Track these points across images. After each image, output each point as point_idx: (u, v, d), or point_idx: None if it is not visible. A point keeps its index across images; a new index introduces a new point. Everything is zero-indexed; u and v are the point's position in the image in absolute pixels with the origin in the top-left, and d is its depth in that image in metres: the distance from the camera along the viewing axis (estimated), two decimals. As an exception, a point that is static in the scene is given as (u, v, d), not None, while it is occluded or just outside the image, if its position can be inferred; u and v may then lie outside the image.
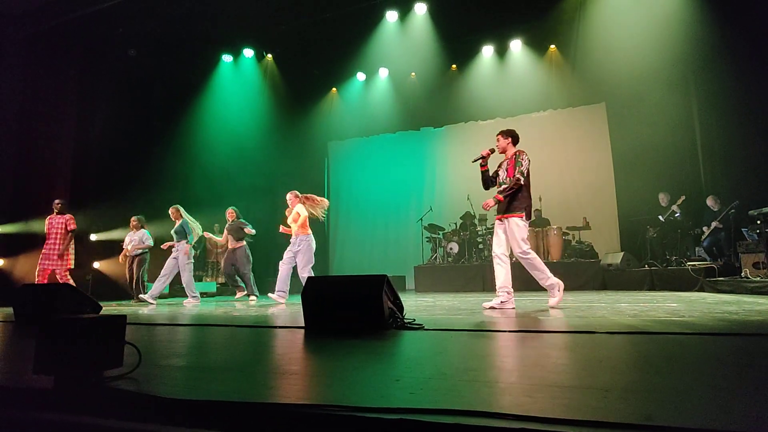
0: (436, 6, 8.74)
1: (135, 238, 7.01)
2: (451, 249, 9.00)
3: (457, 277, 8.53)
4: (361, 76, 10.95)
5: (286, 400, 1.12)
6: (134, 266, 6.94)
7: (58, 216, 6.45)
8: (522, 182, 4.07)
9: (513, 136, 4.34)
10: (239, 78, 10.06)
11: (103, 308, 3.86)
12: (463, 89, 10.28)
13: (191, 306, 5.79)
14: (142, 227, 7.13)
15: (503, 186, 4.19)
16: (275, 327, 2.94)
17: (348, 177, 11.96)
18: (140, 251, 6.99)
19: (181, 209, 6.73)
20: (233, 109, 9.95)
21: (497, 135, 4.40)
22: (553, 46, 9.57)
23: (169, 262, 6.47)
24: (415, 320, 2.75)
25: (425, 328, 2.59)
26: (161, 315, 4.22)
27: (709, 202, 7.03)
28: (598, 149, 9.66)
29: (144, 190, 8.10)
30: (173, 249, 6.57)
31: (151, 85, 9.01)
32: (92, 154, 7.85)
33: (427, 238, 9.71)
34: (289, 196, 6.26)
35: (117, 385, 1.31)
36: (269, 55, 10.26)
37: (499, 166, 4.37)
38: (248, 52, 9.99)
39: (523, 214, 4.10)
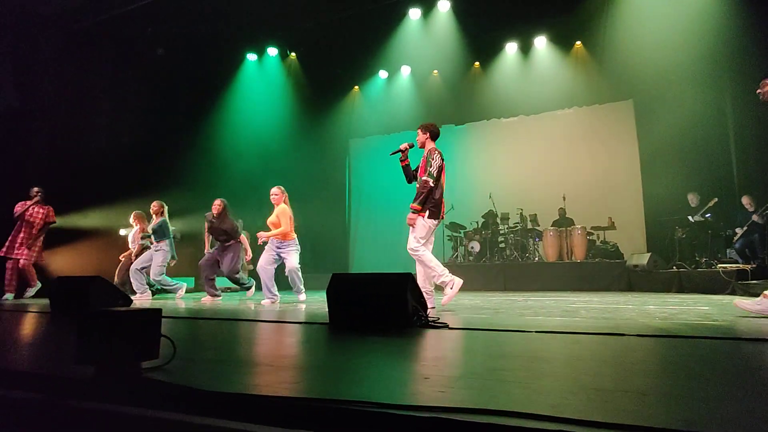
0: (459, 3, 8.67)
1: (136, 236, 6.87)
2: (472, 248, 8.94)
3: (479, 276, 8.46)
4: (383, 74, 10.95)
5: (316, 395, 1.13)
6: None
7: (39, 206, 6.36)
8: (431, 184, 3.95)
9: (431, 132, 4.21)
10: (263, 76, 10.19)
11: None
12: (485, 87, 10.18)
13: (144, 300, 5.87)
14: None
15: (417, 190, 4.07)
16: (299, 323, 2.98)
17: (369, 174, 11.99)
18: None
19: (165, 207, 6.45)
20: (257, 107, 10.09)
21: (418, 128, 4.27)
22: (579, 43, 9.38)
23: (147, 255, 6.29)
24: (439, 319, 2.75)
25: (449, 327, 2.58)
26: (184, 310, 4.32)
27: (745, 201, 6.79)
28: (624, 147, 9.43)
29: (169, 187, 8.28)
30: (152, 246, 6.29)
31: (178, 84, 9.21)
32: (121, 151, 8.08)
33: (448, 236, 9.67)
34: (277, 191, 5.66)
35: (154, 376, 1.34)
36: (293, 54, 10.36)
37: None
38: (272, 51, 10.10)
39: (426, 213, 3.99)
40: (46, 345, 2.18)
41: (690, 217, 7.25)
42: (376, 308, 2.59)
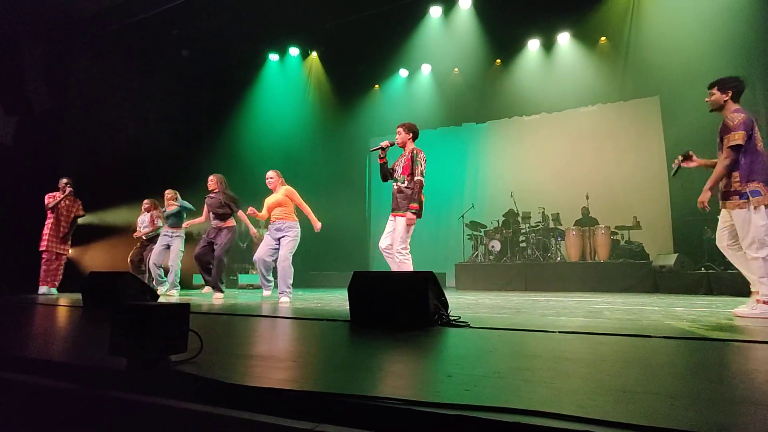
0: (481, 0, 8.59)
1: (146, 220, 6.83)
2: (492, 247, 8.86)
3: (499, 275, 8.39)
4: (403, 73, 10.95)
5: (342, 391, 1.15)
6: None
7: (70, 198, 6.32)
8: (423, 183, 4.06)
9: (413, 132, 4.24)
10: (285, 76, 10.31)
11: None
12: (507, 84, 10.07)
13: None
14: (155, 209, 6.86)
15: (407, 190, 4.09)
16: (321, 320, 3.01)
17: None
18: (152, 233, 6.71)
19: (179, 195, 6.39)
20: (279, 106, 10.22)
21: (398, 127, 4.25)
22: (603, 38, 9.19)
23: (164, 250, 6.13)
24: (460, 318, 2.74)
25: (471, 325, 2.57)
26: (207, 306, 4.41)
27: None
28: (650, 145, 9.20)
29: (192, 185, 8.44)
30: (169, 235, 6.18)
31: (201, 84, 9.39)
32: (147, 150, 8.28)
33: (468, 235, 9.61)
34: (273, 174, 5.48)
35: (182, 369, 1.38)
36: (314, 53, 10.44)
37: (396, 162, 4.25)
38: (294, 51, 10.20)
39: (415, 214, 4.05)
40: (80, 337, 2.25)
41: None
42: (397, 306, 2.60)
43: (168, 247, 6.19)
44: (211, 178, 5.85)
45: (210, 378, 1.28)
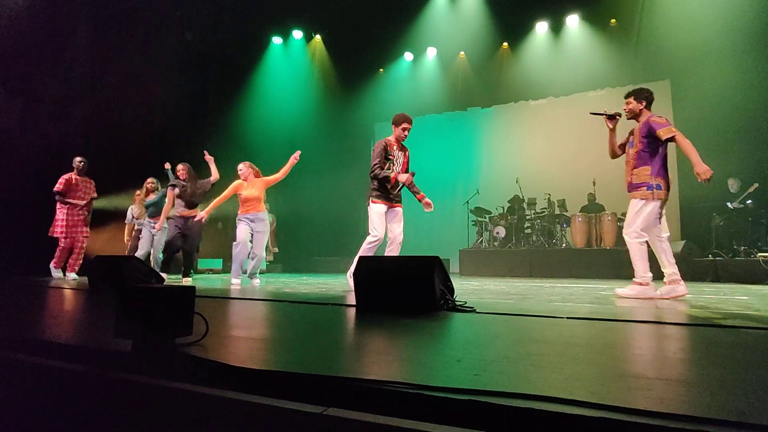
0: (488, -19, 8.42)
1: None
2: (497, 233, 8.82)
3: (504, 261, 8.36)
4: (408, 57, 10.79)
5: (350, 375, 1.13)
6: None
7: (87, 179, 6.07)
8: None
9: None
10: (288, 59, 10.20)
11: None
12: (513, 68, 9.91)
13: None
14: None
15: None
16: (327, 304, 3.00)
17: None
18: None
19: (159, 184, 6.34)
20: (282, 90, 10.13)
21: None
22: (613, 21, 8.99)
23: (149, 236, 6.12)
24: (466, 303, 2.72)
25: (477, 311, 2.55)
26: (212, 290, 4.42)
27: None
28: (660, 130, 9.05)
29: (194, 168, 8.43)
30: (148, 223, 6.14)
31: (205, 67, 9.30)
32: (151, 133, 8.25)
33: (473, 221, 9.57)
34: (245, 167, 5.59)
35: (188, 351, 1.37)
36: (318, 37, 10.30)
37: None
38: (297, 34, 10.07)
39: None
40: (86, 319, 2.26)
41: (729, 204, 6.95)
42: (403, 291, 2.58)
43: (153, 236, 6.26)
44: (181, 167, 5.90)
45: (216, 361, 1.27)
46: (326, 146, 10.98)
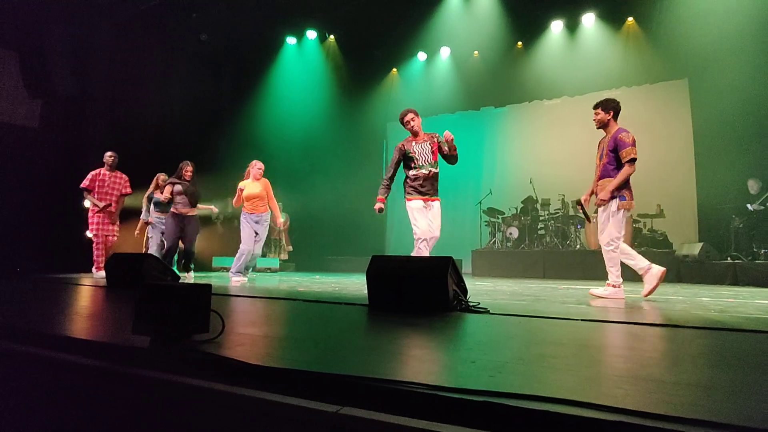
0: (503, -20, 8.36)
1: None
2: (510, 234, 8.76)
3: (516, 262, 8.30)
4: (422, 56, 10.77)
5: (365, 374, 1.13)
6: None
7: (117, 174, 5.87)
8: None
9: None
10: (302, 60, 10.25)
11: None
12: (528, 67, 9.82)
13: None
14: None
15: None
16: (339, 303, 3.01)
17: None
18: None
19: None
20: (296, 90, 10.18)
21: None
22: (630, 19, 8.85)
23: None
24: (479, 304, 2.71)
25: (490, 312, 2.54)
26: (225, 288, 4.46)
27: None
28: (676, 130, 8.89)
29: (210, 168, 8.51)
30: (155, 223, 6.12)
31: (220, 68, 9.41)
32: (168, 132, 8.36)
33: (485, 222, 9.51)
34: (250, 165, 5.63)
35: (204, 348, 1.39)
36: (331, 37, 10.33)
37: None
38: (311, 34, 10.12)
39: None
40: (104, 316, 2.30)
41: (749, 206, 6.80)
42: (416, 291, 2.58)
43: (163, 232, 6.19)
44: (188, 166, 5.83)
45: (231, 358, 1.29)
46: (339, 146, 11.01)
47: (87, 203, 5.90)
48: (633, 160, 3.74)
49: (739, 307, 3.14)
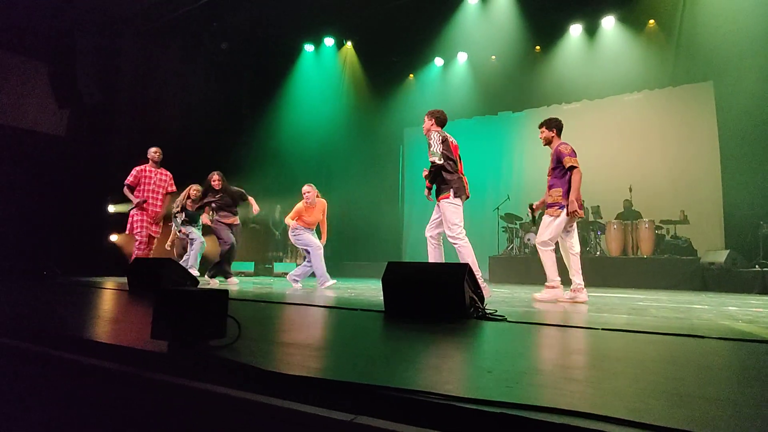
0: (520, -15, 8.32)
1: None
2: (528, 240, 8.64)
3: (535, 269, 8.15)
4: (439, 62, 10.76)
5: (380, 383, 1.12)
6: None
7: (162, 170, 5.59)
8: (438, 163, 4.22)
9: (437, 118, 4.59)
10: (320, 67, 10.36)
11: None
12: (546, 71, 9.71)
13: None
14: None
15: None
16: (356, 309, 3.01)
17: (424, 163, 11.88)
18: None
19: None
20: (314, 97, 10.29)
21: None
22: (652, 21, 8.69)
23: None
24: (496, 311, 2.67)
25: (508, 320, 2.50)
26: (245, 293, 4.50)
27: None
28: (701, 133, 8.66)
29: (230, 175, 8.66)
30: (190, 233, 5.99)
31: (241, 76, 9.58)
32: (191, 139, 8.53)
33: (503, 227, 9.41)
34: (311, 190, 5.64)
35: (221, 354, 1.40)
36: (349, 43, 10.42)
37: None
38: (329, 41, 10.22)
39: (450, 194, 4.15)
40: (124, 320, 2.34)
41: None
42: (432, 298, 2.56)
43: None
44: (215, 175, 5.68)
45: (248, 364, 1.29)
46: (356, 152, 11.07)
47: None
48: (572, 168, 4.05)
49: (769, 318, 3.02)
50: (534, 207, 4.45)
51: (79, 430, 1.46)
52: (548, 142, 4.42)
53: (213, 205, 5.71)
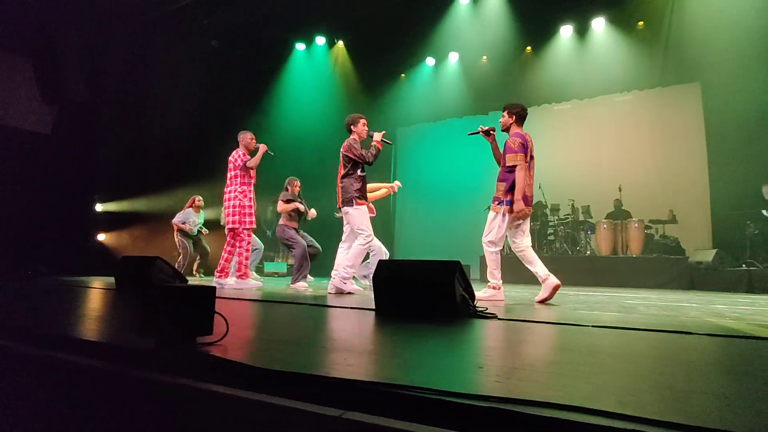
0: (512, -15, 8.35)
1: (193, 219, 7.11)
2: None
3: (525, 268, 8.17)
4: (430, 62, 10.77)
5: (370, 379, 1.11)
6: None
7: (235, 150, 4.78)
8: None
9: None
10: (311, 65, 10.31)
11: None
12: (537, 72, 9.77)
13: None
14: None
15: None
16: (345, 307, 2.99)
17: (415, 163, 11.92)
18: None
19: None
20: (305, 96, 10.23)
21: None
22: (641, 23, 8.78)
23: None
24: (487, 309, 2.67)
25: (498, 317, 2.50)
26: (232, 292, 4.46)
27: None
28: (689, 134, 8.77)
29: (221, 174, 8.60)
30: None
31: (231, 74, 9.50)
32: (180, 139, 8.45)
33: (494, 227, 9.43)
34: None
35: (208, 350, 1.37)
36: (340, 42, 10.39)
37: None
38: (320, 40, 10.18)
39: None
40: (111, 318, 2.30)
41: (764, 212, 6.68)
42: (423, 296, 2.55)
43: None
44: (297, 181, 6.14)
45: (235, 361, 1.27)
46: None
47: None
48: (514, 167, 3.75)
49: (755, 315, 3.06)
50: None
51: (65, 428, 1.43)
52: (506, 128, 4.08)
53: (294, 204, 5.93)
